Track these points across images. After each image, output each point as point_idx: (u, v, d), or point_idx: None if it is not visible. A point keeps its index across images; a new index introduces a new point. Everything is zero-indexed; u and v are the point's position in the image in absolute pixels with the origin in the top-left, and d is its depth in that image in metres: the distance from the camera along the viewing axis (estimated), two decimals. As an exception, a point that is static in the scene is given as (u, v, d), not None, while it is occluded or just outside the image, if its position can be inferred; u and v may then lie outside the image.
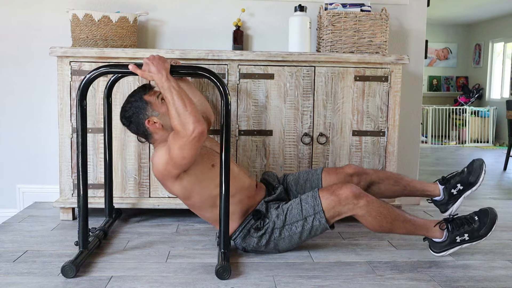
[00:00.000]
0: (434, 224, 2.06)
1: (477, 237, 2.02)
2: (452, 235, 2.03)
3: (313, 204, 2.00)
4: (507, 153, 5.06)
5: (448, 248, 2.05)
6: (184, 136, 1.85)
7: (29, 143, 2.93)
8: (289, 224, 2.03)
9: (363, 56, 2.52)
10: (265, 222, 2.04)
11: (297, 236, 2.03)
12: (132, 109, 2.03)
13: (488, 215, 2.03)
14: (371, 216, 1.97)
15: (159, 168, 1.98)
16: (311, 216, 2.00)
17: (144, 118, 2.01)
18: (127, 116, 2.04)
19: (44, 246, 2.16)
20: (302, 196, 2.07)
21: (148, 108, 2.01)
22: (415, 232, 2.06)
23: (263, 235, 2.04)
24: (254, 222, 2.06)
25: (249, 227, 2.06)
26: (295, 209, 2.03)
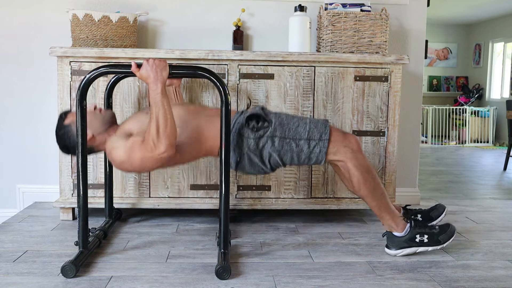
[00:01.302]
0: (400, 215, 2.10)
1: (436, 241, 2.05)
2: (414, 231, 2.05)
3: (322, 131, 2.01)
4: (507, 153, 5.06)
5: (406, 247, 2.06)
6: (151, 152, 1.88)
7: (29, 143, 2.93)
8: (291, 138, 2.01)
9: (363, 56, 2.52)
10: (265, 125, 2.03)
11: (294, 155, 2.02)
12: (63, 139, 2.08)
13: (449, 226, 2.10)
14: (359, 171, 2.00)
15: (115, 161, 1.97)
16: (315, 140, 2.00)
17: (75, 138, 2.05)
18: (63, 147, 2.10)
19: (44, 246, 2.16)
20: (310, 118, 2.08)
21: (72, 128, 2.06)
22: (383, 212, 2.06)
23: (261, 137, 2.02)
24: (247, 123, 2.03)
25: (238, 128, 2.03)
26: (301, 127, 2.02)
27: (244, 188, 2.57)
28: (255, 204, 2.57)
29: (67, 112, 2.12)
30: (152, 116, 1.88)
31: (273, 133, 2.02)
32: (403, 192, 3.03)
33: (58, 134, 2.09)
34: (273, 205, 2.57)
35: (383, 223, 2.10)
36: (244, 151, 2.03)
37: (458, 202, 3.23)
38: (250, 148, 2.03)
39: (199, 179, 2.55)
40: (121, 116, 2.49)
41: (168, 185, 2.54)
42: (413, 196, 3.08)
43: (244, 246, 2.20)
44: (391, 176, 2.61)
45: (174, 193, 2.55)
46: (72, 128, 2.06)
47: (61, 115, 2.11)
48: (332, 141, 2.01)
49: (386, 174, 2.61)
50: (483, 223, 2.67)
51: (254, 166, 2.07)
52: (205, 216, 2.66)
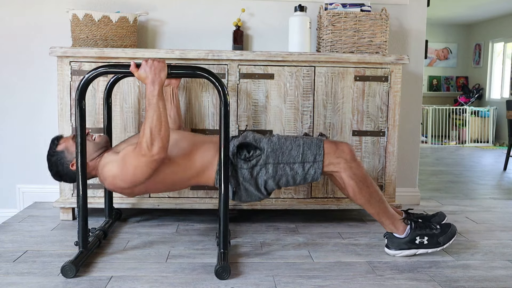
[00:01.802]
0: (400, 217, 2.10)
1: (436, 243, 2.06)
2: (414, 233, 2.05)
3: (316, 153, 2.01)
4: (507, 153, 5.06)
5: (405, 248, 2.06)
6: (145, 155, 1.88)
7: (29, 143, 2.93)
8: (285, 163, 2.02)
9: (363, 56, 2.52)
10: (256, 153, 2.03)
11: (290, 178, 2.03)
12: (54, 166, 2.08)
13: (450, 227, 2.09)
14: (355, 180, 2.00)
15: (108, 179, 1.99)
16: (309, 162, 2.01)
17: (68, 165, 2.06)
18: (55, 173, 2.10)
19: (44, 246, 2.16)
20: (304, 139, 2.06)
21: (66, 155, 2.06)
22: (383, 217, 2.06)
23: (254, 166, 2.02)
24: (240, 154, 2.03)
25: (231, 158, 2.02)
26: (295, 151, 2.03)
27: (244, 188, 2.56)
28: (255, 204, 2.56)
29: (59, 137, 2.12)
30: (147, 118, 1.88)
31: (266, 160, 2.03)
32: (403, 192, 3.03)
33: (50, 160, 2.08)
34: (273, 205, 2.57)
35: (384, 227, 2.10)
36: (240, 181, 2.05)
37: (458, 202, 3.23)
38: (245, 178, 2.04)
39: (199, 179, 2.54)
40: (121, 116, 2.49)
41: (168, 185, 2.54)
42: (413, 196, 3.08)
43: (244, 246, 2.20)
44: (391, 176, 2.61)
45: (174, 193, 2.55)
46: (65, 155, 2.06)
47: (53, 140, 2.10)
48: (325, 154, 2.01)
49: (386, 174, 2.61)
50: (483, 223, 2.67)
51: (250, 195, 2.08)
52: (205, 216, 2.66)
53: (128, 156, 1.93)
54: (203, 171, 2.05)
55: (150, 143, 1.87)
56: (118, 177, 1.96)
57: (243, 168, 2.03)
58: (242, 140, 2.08)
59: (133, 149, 1.92)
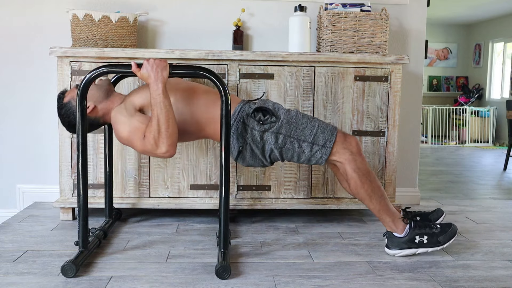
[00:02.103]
0: (400, 216, 2.09)
1: (436, 243, 2.05)
2: (413, 233, 2.05)
3: (327, 138, 2.01)
4: (507, 153, 5.06)
5: (405, 248, 2.06)
6: (152, 150, 1.92)
7: (29, 143, 2.93)
8: (295, 138, 2.02)
9: (363, 56, 2.52)
10: (272, 120, 2.03)
11: (295, 154, 2.03)
12: (66, 117, 2.10)
13: (450, 226, 2.09)
14: (358, 174, 2.00)
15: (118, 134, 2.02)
16: (318, 145, 2.01)
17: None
18: (68, 125, 2.12)
19: (44, 246, 2.16)
20: (320, 122, 2.06)
21: (73, 104, 2.08)
22: (383, 214, 2.06)
23: (265, 131, 2.02)
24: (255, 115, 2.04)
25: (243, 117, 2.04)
26: (308, 130, 2.03)
27: (244, 188, 2.57)
28: (255, 204, 2.57)
29: (64, 91, 2.15)
30: (154, 116, 1.89)
31: (279, 129, 2.02)
32: (403, 192, 3.03)
33: (60, 114, 2.11)
34: (273, 205, 2.57)
35: (384, 225, 2.10)
36: (248, 141, 2.04)
37: (458, 202, 3.23)
38: (254, 140, 2.04)
39: (199, 179, 2.55)
40: (121, 116, 2.49)
41: (168, 185, 2.54)
42: (413, 196, 3.08)
43: (244, 246, 2.20)
44: (391, 176, 2.61)
45: (174, 193, 2.55)
46: (73, 104, 2.08)
47: (59, 95, 2.13)
48: (335, 142, 2.02)
49: (386, 174, 2.61)
50: (483, 223, 2.67)
51: (255, 158, 2.07)
52: (205, 216, 2.66)
53: (137, 139, 1.95)
54: (213, 122, 2.05)
55: (159, 140, 1.89)
56: (129, 142, 1.99)
57: (254, 129, 2.03)
58: (261, 104, 2.08)
59: (140, 137, 1.94)
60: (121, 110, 2.02)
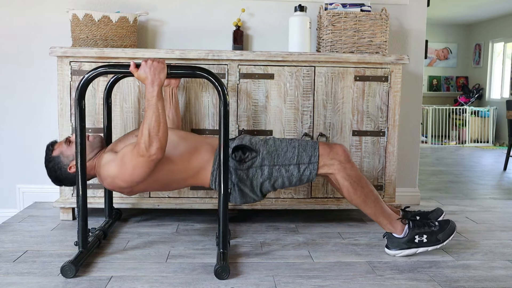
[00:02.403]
0: (397, 217, 2.09)
1: (435, 241, 2.05)
2: (412, 233, 2.05)
3: (311, 154, 2.03)
4: (507, 153, 5.06)
5: (405, 248, 2.06)
6: (143, 155, 1.89)
7: (29, 143, 2.93)
8: (280, 165, 2.03)
9: (363, 56, 2.52)
10: (252, 156, 2.04)
11: (285, 179, 2.04)
12: (53, 171, 2.10)
13: (448, 224, 2.09)
14: (349, 181, 2.01)
15: (107, 179, 2.00)
16: (304, 164, 2.02)
17: (66, 169, 2.08)
18: (55, 179, 2.12)
19: (44, 246, 2.16)
20: (299, 141, 2.08)
21: (62, 159, 2.08)
22: (380, 217, 2.07)
23: (249, 168, 2.03)
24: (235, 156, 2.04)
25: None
26: (290, 152, 2.04)
27: (244, 188, 2.56)
28: (255, 204, 2.56)
29: (53, 143, 2.14)
30: (146, 118, 1.89)
31: (262, 162, 2.04)
32: (403, 192, 3.03)
33: (47, 167, 2.11)
34: (273, 205, 2.57)
35: (382, 227, 2.10)
36: (235, 182, 2.05)
37: (458, 202, 3.23)
38: (240, 179, 2.05)
39: (199, 179, 2.54)
40: (121, 116, 2.49)
41: (168, 185, 2.54)
42: (413, 196, 3.08)
43: (244, 246, 2.20)
44: (391, 176, 2.61)
45: (174, 193, 2.55)
46: (61, 159, 2.08)
47: (48, 146, 2.12)
48: (319, 156, 2.03)
49: (386, 174, 2.61)
50: (483, 223, 2.67)
51: (245, 197, 2.09)
52: (205, 216, 2.66)
53: (126, 156, 1.94)
54: (199, 171, 2.06)
55: (148, 143, 1.88)
56: (117, 177, 1.96)
57: (238, 169, 2.04)
58: (238, 143, 2.09)
59: (132, 150, 1.93)
60: (103, 157, 2.02)
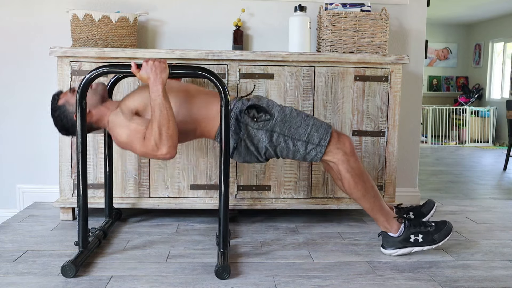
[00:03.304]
0: (394, 215, 2.09)
1: (431, 241, 2.05)
2: (408, 232, 2.05)
3: (322, 137, 2.01)
4: (507, 153, 5.06)
5: (400, 247, 2.06)
6: (153, 152, 1.90)
7: (29, 143, 2.93)
8: (289, 137, 2.01)
9: (363, 56, 2.52)
10: (266, 118, 2.02)
11: (290, 152, 2.03)
12: (59, 120, 2.09)
13: (445, 224, 2.08)
14: (351, 174, 2.01)
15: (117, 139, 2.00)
16: (313, 144, 2.01)
17: (71, 117, 2.07)
18: (61, 127, 2.11)
19: (44, 246, 2.16)
20: (315, 120, 2.05)
21: (67, 107, 2.07)
22: (377, 213, 2.06)
23: (259, 129, 2.02)
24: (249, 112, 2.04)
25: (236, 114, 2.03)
26: (302, 129, 2.02)
27: (244, 188, 2.57)
28: (255, 204, 2.57)
29: (59, 92, 2.13)
30: (154, 118, 1.88)
31: (273, 127, 2.02)
32: (403, 192, 3.03)
33: (54, 116, 2.09)
34: (273, 205, 2.57)
35: (378, 224, 2.10)
36: (243, 137, 2.04)
37: (458, 202, 3.23)
38: (248, 136, 2.03)
39: (199, 179, 2.55)
40: (121, 116, 2.49)
41: (168, 185, 2.54)
42: (413, 196, 3.08)
43: (244, 246, 2.20)
44: (391, 176, 2.61)
45: (174, 193, 2.55)
46: (67, 108, 2.07)
47: (53, 96, 2.11)
48: (329, 141, 2.02)
49: (386, 174, 2.61)
50: (483, 223, 2.67)
51: (250, 154, 2.07)
52: (205, 216, 2.66)
53: (137, 142, 1.93)
54: (209, 120, 2.04)
55: (159, 142, 1.88)
56: (128, 145, 1.98)
57: (249, 125, 2.02)
58: (255, 102, 2.07)
59: (142, 140, 1.92)
60: (118, 114, 2.00)
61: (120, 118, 1.99)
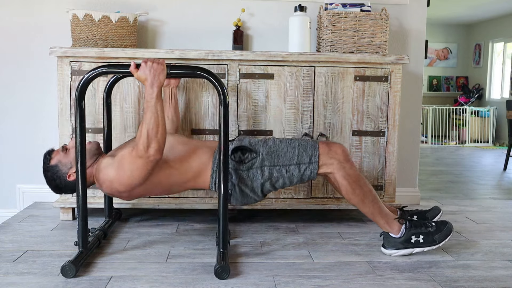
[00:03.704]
0: (394, 217, 2.10)
1: (432, 242, 2.05)
2: (409, 233, 2.05)
3: (311, 154, 2.03)
4: (507, 153, 5.06)
5: (401, 248, 2.06)
6: (142, 156, 1.90)
7: (29, 143, 2.93)
8: (281, 165, 2.03)
9: (363, 56, 2.52)
10: (252, 156, 2.04)
11: (286, 179, 2.04)
12: (52, 180, 2.08)
13: (445, 225, 2.09)
14: (348, 181, 2.02)
15: (105, 183, 1.99)
16: (305, 164, 2.02)
17: (65, 177, 2.06)
18: (54, 187, 2.09)
19: (44, 246, 2.16)
20: (299, 141, 2.07)
21: (60, 168, 2.06)
22: (377, 216, 2.07)
23: (249, 169, 2.03)
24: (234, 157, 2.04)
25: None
26: (290, 153, 2.04)
27: (244, 188, 2.56)
28: (255, 204, 2.56)
29: (50, 151, 2.12)
30: (145, 120, 1.89)
31: (262, 163, 2.04)
32: (403, 192, 3.03)
33: (46, 176, 2.09)
34: (273, 205, 2.57)
35: (379, 226, 2.11)
36: (235, 183, 2.05)
37: (458, 202, 3.23)
38: (241, 180, 2.05)
39: (199, 179, 2.54)
40: (120, 116, 2.49)
41: (168, 185, 2.54)
42: (413, 196, 3.08)
43: (244, 246, 2.20)
44: (391, 176, 2.61)
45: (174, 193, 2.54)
46: (60, 168, 2.06)
47: (45, 155, 2.10)
48: (319, 155, 2.03)
49: (386, 174, 2.61)
50: (483, 223, 2.67)
51: (246, 197, 2.09)
52: (205, 216, 2.66)
53: (125, 159, 1.94)
54: (199, 174, 2.06)
55: (147, 145, 1.89)
56: (116, 180, 1.96)
57: (238, 169, 2.04)
58: (237, 144, 2.09)
59: (130, 152, 1.94)
60: (102, 162, 2.01)
61: (105, 162, 2.00)
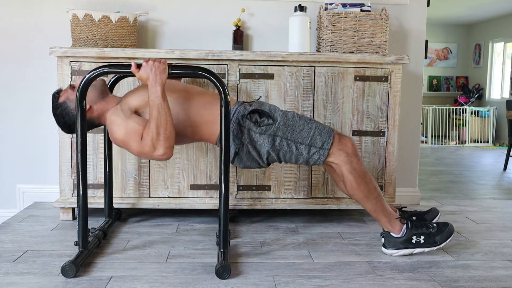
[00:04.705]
0: (397, 216, 2.09)
1: (433, 242, 2.05)
2: (410, 233, 2.05)
3: (324, 140, 2.01)
4: (507, 153, 5.06)
5: (402, 248, 2.06)
6: (149, 152, 1.90)
7: (29, 143, 2.93)
8: (292, 140, 2.01)
9: (363, 56, 2.52)
10: (268, 122, 2.02)
11: (293, 156, 2.03)
12: (61, 117, 2.06)
13: (447, 226, 2.08)
14: (354, 175, 2.00)
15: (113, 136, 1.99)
16: (316, 147, 2.00)
17: (73, 113, 2.05)
18: (63, 125, 2.09)
19: (44, 246, 2.16)
20: (317, 123, 2.05)
21: (68, 104, 2.05)
22: (380, 214, 2.06)
23: (262, 134, 2.01)
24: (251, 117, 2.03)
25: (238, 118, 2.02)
26: (305, 132, 2.02)
27: (244, 188, 2.57)
28: (255, 204, 2.57)
29: (59, 90, 2.11)
30: (152, 118, 1.88)
31: (276, 132, 2.01)
32: (403, 192, 3.03)
33: (55, 114, 2.08)
34: (273, 205, 2.57)
35: (380, 225, 2.10)
36: (245, 142, 2.03)
37: (458, 202, 3.23)
38: (251, 140, 2.03)
39: (199, 179, 2.55)
40: (121, 116, 2.49)
41: (168, 185, 2.54)
42: (413, 196, 3.08)
43: (244, 246, 2.20)
44: (391, 176, 2.61)
45: (174, 193, 2.55)
46: (68, 104, 2.05)
47: (54, 94, 2.09)
48: (332, 143, 2.02)
49: (386, 174, 2.61)
50: (483, 223, 2.67)
51: (251, 159, 2.07)
52: (205, 216, 2.66)
53: (134, 141, 1.93)
54: (210, 124, 2.03)
55: (156, 143, 1.88)
56: (124, 144, 1.97)
57: (251, 130, 2.02)
58: (257, 106, 2.07)
59: (139, 141, 1.92)
60: (117, 112, 1.99)
61: (119, 115, 1.98)
